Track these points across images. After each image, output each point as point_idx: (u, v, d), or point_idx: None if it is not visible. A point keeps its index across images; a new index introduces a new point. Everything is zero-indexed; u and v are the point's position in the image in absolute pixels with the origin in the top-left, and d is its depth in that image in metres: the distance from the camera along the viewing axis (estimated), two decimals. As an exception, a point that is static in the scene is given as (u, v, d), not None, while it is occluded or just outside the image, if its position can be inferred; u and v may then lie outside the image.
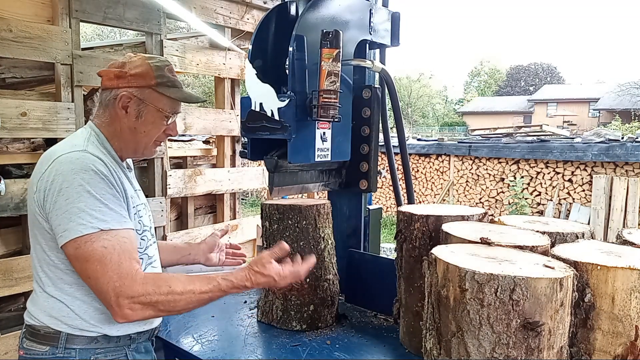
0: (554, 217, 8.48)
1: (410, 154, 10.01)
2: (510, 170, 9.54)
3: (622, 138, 9.32)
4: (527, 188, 9.20)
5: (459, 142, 10.92)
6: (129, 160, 1.63)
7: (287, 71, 1.65)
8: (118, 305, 1.28)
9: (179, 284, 1.34)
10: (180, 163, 4.44)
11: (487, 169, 9.95)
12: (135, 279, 1.30)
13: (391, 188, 8.49)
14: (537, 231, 1.41)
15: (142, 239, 1.48)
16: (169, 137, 1.59)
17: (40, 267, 1.39)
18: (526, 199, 8.98)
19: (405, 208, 1.67)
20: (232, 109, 4.16)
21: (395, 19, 2.12)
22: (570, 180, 8.78)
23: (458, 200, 10.43)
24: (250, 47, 1.75)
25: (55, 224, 1.30)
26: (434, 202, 10.74)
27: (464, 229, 1.41)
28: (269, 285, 1.43)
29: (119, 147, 1.49)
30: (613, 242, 1.40)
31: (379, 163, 2.11)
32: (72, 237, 1.27)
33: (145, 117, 1.47)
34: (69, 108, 2.88)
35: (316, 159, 1.74)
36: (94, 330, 1.37)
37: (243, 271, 1.41)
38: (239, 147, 4.28)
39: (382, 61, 2.13)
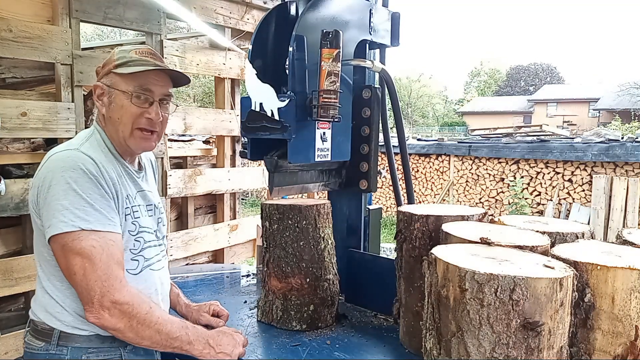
0: (553, 217, 8.48)
1: (410, 154, 10.01)
2: (510, 170, 9.54)
3: (622, 138, 9.33)
4: (527, 188, 9.21)
5: (458, 142, 10.92)
6: (144, 160, 1.63)
7: (287, 71, 1.65)
8: (100, 304, 1.28)
9: (160, 311, 1.38)
10: (180, 163, 4.44)
11: (487, 169, 9.95)
12: (123, 285, 1.32)
13: (391, 188, 8.48)
14: (537, 231, 1.41)
15: (136, 240, 1.46)
16: (151, 123, 1.47)
17: (39, 262, 1.41)
18: (526, 199, 8.99)
19: (405, 208, 1.67)
20: (232, 109, 4.16)
21: (395, 19, 2.12)
22: (570, 180, 8.78)
23: (458, 200, 10.43)
24: (250, 47, 1.75)
25: (43, 219, 1.33)
26: (434, 202, 10.74)
27: (464, 229, 1.41)
28: (225, 351, 1.43)
29: (114, 143, 1.49)
30: (613, 242, 1.40)
31: (379, 163, 2.11)
32: (54, 233, 1.29)
33: (115, 103, 1.45)
34: (69, 108, 2.88)
35: (316, 159, 1.74)
36: (86, 328, 1.37)
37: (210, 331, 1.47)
38: (239, 147, 4.28)
39: (382, 61, 2.13)
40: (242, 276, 2.46)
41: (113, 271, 1.31)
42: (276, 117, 1.58)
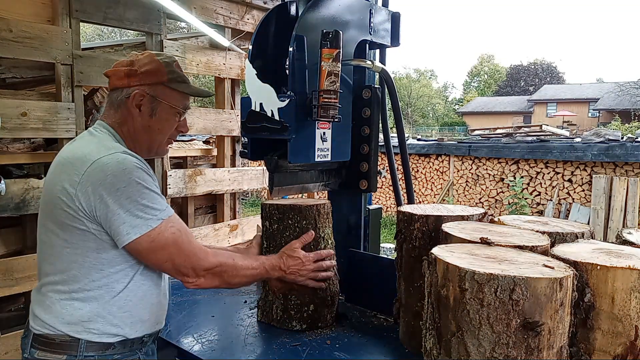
0: (553, 217, 8.48)
1: (410, 154, 10.02)
2: (510, 170, 9.54)
3: (622, 138, 9.33)
4: (526, 188, 9.21)
5: (458, 142, 10.92)
6: None
7: (287, 71, 1.65)
8: (196, 275, 1.43)
9: (239, 258, 1.55)
10: (180, 163, 4.44)
11: (486, 169, 9.95)
12: (207, 252, 1.45)
13: (391, 188, 8.48)
14: (537, 231, 1.41)
15: None
16: (179, 134, 1.61)
17: (69, 270, 1.36)
18: (526, 199, 8.98)
19: (405, 208, 1.67)
20: (232, 109, 4.17)
21: (395, 19, 2.12)
22: (570, 180, 8.78)
23: (458, 200, 10.43)
24: (250, 47, 1.75)
25: (117, 223, 1.31)
26: (433, 202, 10.74)
27: (463, 229, 1.41)
28: (298, 268, 1.64)
29: (133, 147, 1.49)
30: (613, 242, 1.40)
31: (379, 163, 2.11)
32: (144, 232, 1.33)
33: (159, 115, 1.48)
34: (69, 108, 2.88)
35: (316, 159, 1.74)
36: (115, 334, 1.38)
37: (277, 255, 1.67)
38: (239, 147, 4.28)
39: (382, 61, 2.14)
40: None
41: (194, 245, 1.43)
42: (276, 117, 1.58)
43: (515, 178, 9.23)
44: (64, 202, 1.33)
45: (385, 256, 2.23)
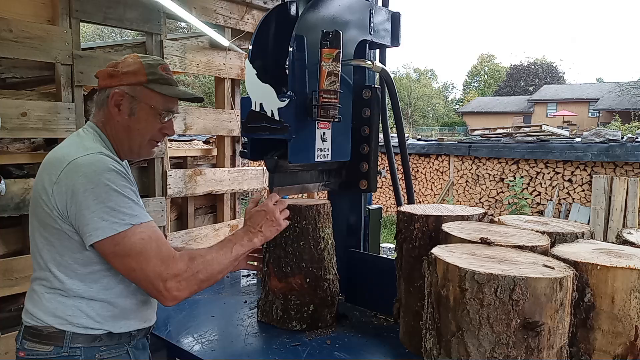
0: (553, 217, 8.48)
1: (410, 154, 10.01)
2: (510, 170, 9.55)
3: (622, 138, 9.32)
4: (526, 188, 9.21)
5: (458, 142, 10.92)
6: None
7: (287, 71, 1.65)
8: (166, 289, 1.34)
9: (206, 252, 1.46)
10: (180, 163, 4.44)
11: (487, 169, 9.95)
12: (175, 258, 1.38)
13: (391, 188, 8.48)
14: (537, 231, 1.41)
15: None
16: (166, 137, 1.59)
17: (49, 268, 1.39)
18: (526, 199, 8.98)
19: (405, 208, 1.67)
20: (232, 109, 4.17)
21: (395, 19, 2.12)
22: (570, 180, 8.78)
23: (458, 200, 10.43)
24: (250, 47, 1.76)
25: (83, 223, 1.32)
26: (433, 202, 10.74)
27: (464, 229, 1.41)
28: (268, 218, 1.57)
29: (116, 146, 1.51)
30: (613, 242, 1.40)
31: (379, 163, 2.11)
32: (108, 235, 1.30)
33: (138, 115, 1.48)
34: (69, 108, 2.88)
35: (316, 159, 1.74)
36: (99, 328, 1.39)
37: (242, 227, 1.60)
38: (239, 147, 4.28)
39: (382, 61, 2.14)
40: (242, 276, 2.46)
41: (164, 252, 1.36)
42: (276, 117, 1.58)
43: (515, 178, 9.23)
44: (43, 201, 1.36)
45: (385, 256, 2.23)
